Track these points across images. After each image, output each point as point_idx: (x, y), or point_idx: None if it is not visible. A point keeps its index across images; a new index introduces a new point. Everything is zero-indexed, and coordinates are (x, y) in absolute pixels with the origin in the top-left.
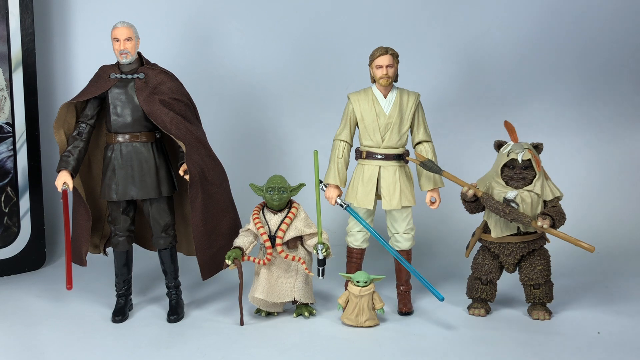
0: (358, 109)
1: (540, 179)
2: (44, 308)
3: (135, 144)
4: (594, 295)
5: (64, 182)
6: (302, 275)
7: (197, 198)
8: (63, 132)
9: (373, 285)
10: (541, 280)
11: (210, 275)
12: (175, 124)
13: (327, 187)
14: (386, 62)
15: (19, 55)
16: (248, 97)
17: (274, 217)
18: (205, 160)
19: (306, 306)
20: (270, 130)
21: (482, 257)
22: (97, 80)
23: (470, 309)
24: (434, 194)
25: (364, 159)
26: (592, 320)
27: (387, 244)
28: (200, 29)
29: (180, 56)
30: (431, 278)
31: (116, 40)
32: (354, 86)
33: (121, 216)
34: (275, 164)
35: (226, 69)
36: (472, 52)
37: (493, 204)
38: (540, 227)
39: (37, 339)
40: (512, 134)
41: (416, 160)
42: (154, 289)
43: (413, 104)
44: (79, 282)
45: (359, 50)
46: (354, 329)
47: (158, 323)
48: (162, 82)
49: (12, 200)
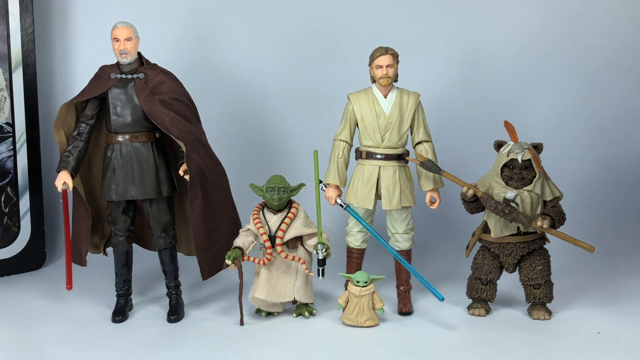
0: (358, 109)
1: (540, 179)
2: (44, 308)
3: (135, 144)
4: (594, 295)
5: (64, 182)
6: (302, 275)
7: (197, 198)
8: (63, 132)
9: (373, 285)
10: (541, 280)
11: (210, 275)
12: (175, 124)
13: (327, 187)
14: (386, 62)
15: (19, 55)
16: (248, 97)
17: (274, 217)
18: (205, 160)
19: (306, 306)
20: (270, 130)
21: (482, 257)
22: (97, 80)
23: (470, 309)
24: (434, 194)
25: (363, 159)
26: (592, 320)
27: (387, 244)
28: (200, 29)
29: (180, 56)
30: (431, 278)
31: (116, 40)
32: (354, 86)
33: (121, 216)
34: (275, 164)
35: (226, 69)
36: (472, 52)
37: (493, 204)
38: (540, 227)
39: (37, 339)
40: (512, 134)
41: (416, 160)
42: (154, 289)
43: (413, 104)
44: (79, 282)
45: (359, 50)
46: (354, 329)
47: (158, 323)
48: (162, 82)
49: (12, 200)
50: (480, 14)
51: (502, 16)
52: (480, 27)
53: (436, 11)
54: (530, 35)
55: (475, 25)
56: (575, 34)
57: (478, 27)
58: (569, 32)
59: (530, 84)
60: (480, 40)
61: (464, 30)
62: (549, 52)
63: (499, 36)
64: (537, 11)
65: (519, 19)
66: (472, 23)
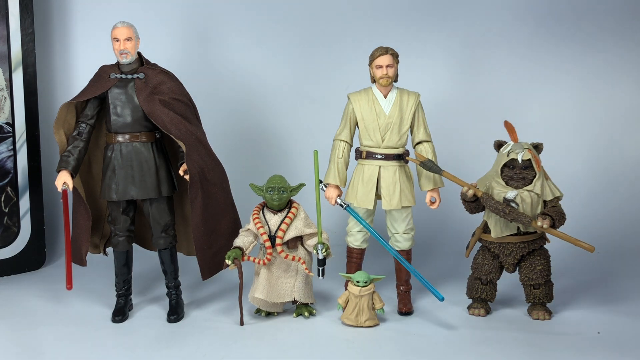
0: (358, 109)
1: (540, 179)
2: (44, 308)
3: (135, 144)
4: (594, 295)
5: (64, 182)
6: (302, 275)
7: (197, 198)
8: (63, 132)
9: (373, 285)
10: (541, 280)
11: (210, 275)
12: (175, 124)
13: (327, 187)
14: (386, 62)
15: (18, 55)
16: (248, 97)
17: (274, 217)
18: (205, 160)
19: (306, 306)
20: (270, 130)
21: (482, 257)
22: (97, 80)
23: (470, 309)
24: (434, 194)
25: (364, 159)
26: (592, 320)
27: (387, 244)
28: (200, 29)
29: (180, 56)
30: (431, 278)
31: (116, 40)
32: (354, 86)
33: (121, 216)
34: (275, 164)
35: (226, 69)
36: (472, 52)
37: (493, 204)
38: (540, 227)
39: (37, 339)
40: (512, 133)
41: (416, 160)
42: (154, 289)
43: (413, 104)
44: (79, 282)
45: (359, 50)
46: (354, 329)
47: (158, 323)
48: (162, 82)
49: (12, 200)
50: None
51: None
52: (481, 27)
53: (436, 11)
54: (530, 35)
55: (475, 25)
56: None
57: (478, 27)
58: (569, 31)
59: (530, 84)
60: (480, 40)
61: (464, 30)
62: (549, 52)
63: (499, 36)
64: (537, 10)
65: (519, 19)
66: (472, 23)
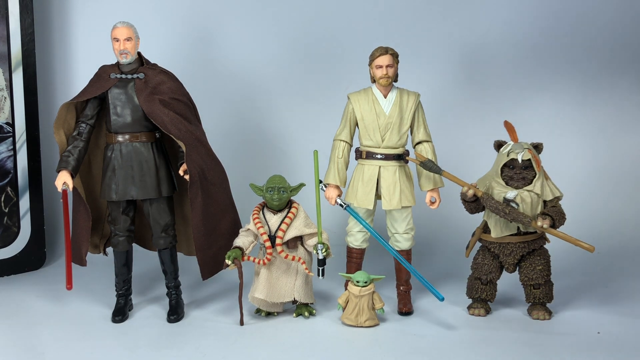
0: (358, 109)
1: (540, 179)
2: (44, 308)
3: (135, 144)
4: (594, 295)
5: (63, 182)
6: (302, 275)
7: (197, 198)
8: (63, 132)
9: (373, 285)
10: (541, 280)
11: (210, 275)
12: (175, 124)
13: (327, 187)
14: (386, 62)
15: (19, 55)
16: (248, 97)
17: (274, 217)
18: (205, 160)
19: (306, 306)
20: (270, 130)
21: (482, 257)
22: (97, 80)
23: (470, 309)
24: (434, 194)
25: (363, 159)
26: (592, 320)
27: (387, 244)
28: (200, 28)
29: (180, 56)
30: (431, 278)
31: (116, 40)
32: (354, 86)
33: (121, 216)
34: (275, 164)
35: (226, 69)
36: (472, 52)
37: (493, 204)
38: (540, 227)
39: (37, 339)
40: (512, 133)
41: (416, 160)
42: (154, 289)
43: (413, 103)
44: (79, 282)
45: (359, 50)
46: (354, 329)
47: (158, 323)
48: (162, 82)
49: (12, 200)
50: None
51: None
52: (481, 27)
53: (436, 11)
54: (530, 35)
55: (475, 25)
56: (576, 33)
57: (478, 27)
58: (569, 31)
59: (530, 84)
60: (480, 40)
61: (464, 30)
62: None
63: (499, 36)
64: (537, 10)
65: (519, 19)
66: (472, 23)
